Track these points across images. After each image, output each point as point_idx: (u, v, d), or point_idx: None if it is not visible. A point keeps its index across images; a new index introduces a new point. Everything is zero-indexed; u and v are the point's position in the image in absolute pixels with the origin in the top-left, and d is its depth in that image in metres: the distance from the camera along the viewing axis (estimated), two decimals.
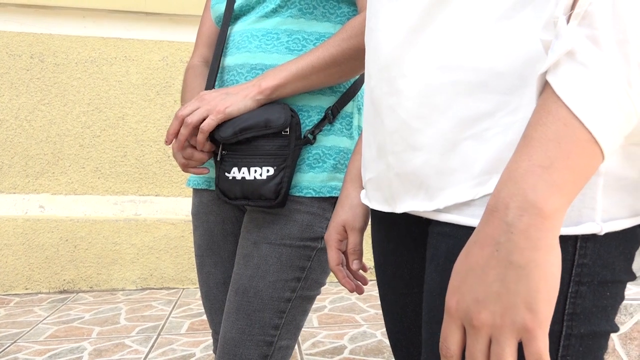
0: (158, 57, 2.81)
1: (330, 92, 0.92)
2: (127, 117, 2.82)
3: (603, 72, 0.36)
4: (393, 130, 0.54)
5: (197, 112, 0.85)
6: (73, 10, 2.73)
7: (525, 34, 0.45)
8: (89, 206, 2.82)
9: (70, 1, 2.69)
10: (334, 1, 0.91)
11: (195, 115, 0.85)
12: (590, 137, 0.37)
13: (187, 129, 0.85)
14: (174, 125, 0.86)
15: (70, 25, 2.74)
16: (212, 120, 0.84)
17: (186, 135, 0.86)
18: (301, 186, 0.89)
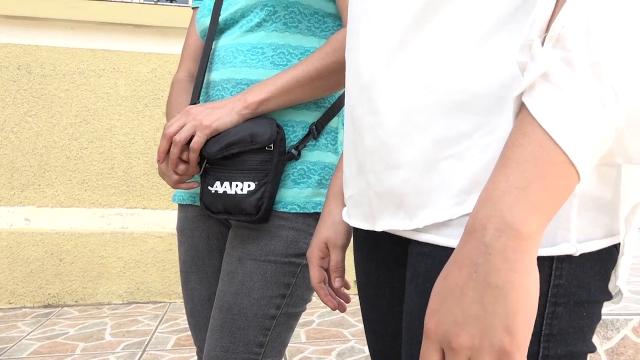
0: (147, 69, 2.80)
1: (315, 107, 0.92)
2: (114, 129, 2.81)
3: (577, 94, 0.36)
4: (373, 149, 0.54)
5: (184, 129, 0.85)
6: (61, 22, 2.72)
7: (502, 56, 0.46)
8: (75, 219, 2.79)
9: (59, 13, 2.68)
10: (319, 15, 0.91)
11: (183, 132, 0.84)
12: (565, 158, 0.37)
13: (177, 147, 0.85)
14: (163, 145, 0.86)
15: (59, 37, 2.73)
16: (200, 138, 0.84)
17: (177, 153, 0.86)
18: (286, 202, 0.89)
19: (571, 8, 0.37)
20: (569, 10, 0.37)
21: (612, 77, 0.36)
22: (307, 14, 0.90)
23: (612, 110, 0.37)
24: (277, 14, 0.89)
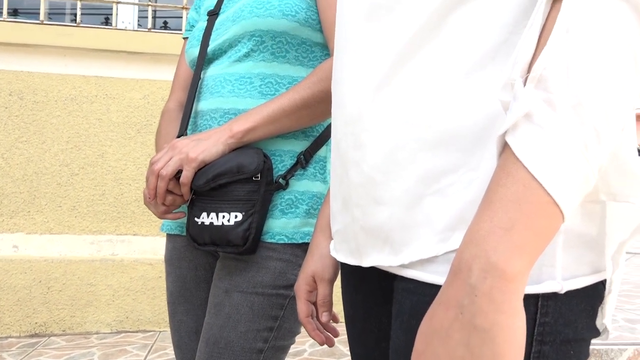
0: (139, 95, 2.81)
1: (303, 137, 0.92)
2: (106, 155, 2.80)
3: (560, 135, 0.36)
4: (358, 183, 0.53)
5: (170, 162, 0.84)
6: (54, 49, 2.74)
7: (486, 92, 0.46)
8: (65, 246, 2.76)
9: (52, 40, 2.69)
10: (306, 45, 0.92)
11: (170, 166, 0.84)
12: (549, 198, 0.37)
13: (164, 181, 0.84)
14: (152, 182, 0.85)
15: (51, 64, 2.74)
16: (188, 172, 0.83)
17: (164, 188, 0.85)
18: (273, 232, 0.88)
19: (552, 49, 0.37)
20: (550, 52, 0.37)
21: (594, 119, 0.36)
22: (294, 43, 0.91)
23: (595, 151, 0.37)
24: (264, 44, 0.89)
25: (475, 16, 0.46)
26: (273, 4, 0.88)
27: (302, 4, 0.90)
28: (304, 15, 0.89)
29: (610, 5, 0.36)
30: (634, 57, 0.37)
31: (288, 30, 0.88)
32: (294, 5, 0.89)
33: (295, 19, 0.89)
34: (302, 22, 0.89)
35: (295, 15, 0.89)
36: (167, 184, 0.84)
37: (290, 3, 0.89)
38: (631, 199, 0.44)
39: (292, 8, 0.89)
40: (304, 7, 0.90)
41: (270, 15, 0.87)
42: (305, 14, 0.90)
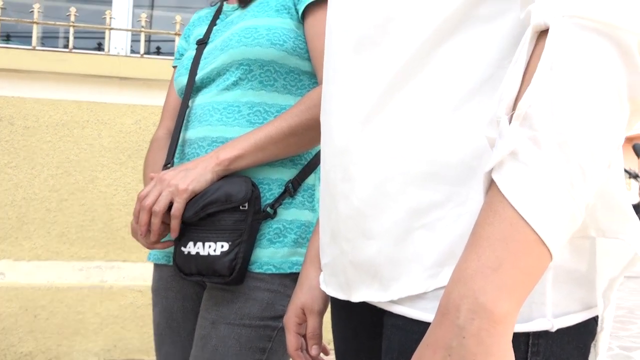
0: (131, 120, 2.80)
1: (291, 165, 0.91)
2: (96, 181, 2.78)
3: (545, 173, 0.36)
4: (346, 216, 0.53)
5: (162, 197, 0.83)
6: (46, 74, 2.74)
7: (474, 126, 0.46)
8: (53, 272, 2.72)
9: (45, 65, 2.70)
10: (294, 74, 0.92)
11: (162, 202, 0.83)
12: (537, 237, 0.36)
13: (159, 217, 0.83)
14: (144, 217, 0.84)
15: (43, 89, 2.74)
16: (179, 204, 0.83)
17: (159, 224, 0.84)
18: (261, 262, 0.86)
19: (536, 87, 0.37)
20: (535, 90, 0.37)
21: (579, 156, 0.36)
22: (282, 72, 0.91)
23: (581, 189, 0.36)
24: (252, 72, 0.89)
25: (461, 51, 0.47)
26: (261, 34, 0.88)
27: (290, 33, 0.90)
28: (292, 44, 0.90)
29: (593, 42, 0.36)
30: (618, 94, 0.37)
31: (276, 59, 0.89)
32: (282, 34, 0.89)
33: (284, 48, 0.89)
34: (290, 51, 0.90)
35: (283, 44, 0.89)
36: (161, 219, 0.83)
37: (278, 32, 0.89)
38: (620, 235, 0.44)
39: (280, 37, 0.89)
40: (292, 37, 0.90)
41: (259, 45, 0.88)
42: (293, 43, 0.90)
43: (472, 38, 0.46)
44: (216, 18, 1.03)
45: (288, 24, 0.91)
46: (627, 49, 0.36)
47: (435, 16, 0.47)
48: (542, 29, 0.38)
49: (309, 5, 0.90)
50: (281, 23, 0.90)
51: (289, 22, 0.91)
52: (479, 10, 0.46)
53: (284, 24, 0.90)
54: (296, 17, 0.92)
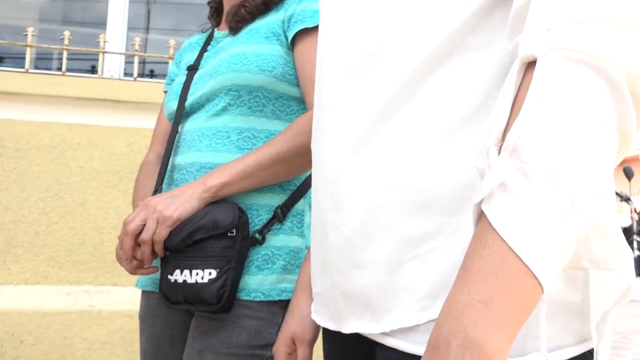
0: (123, 143, 2.79)
1: (280, 190, 0.91)
2: (87, 204, 2.75)
3: (535, 206, 0.35)
4: (337, 246, 0.52)
5: (148, 225, 0.82)
6: (38, 97, 2.74)
7: (464, 155, 0.46)
8: (40, 297, 2.67)
9: (37, 88, 2.70)
10: (283, 99, 0.92)
11: (149, 229, 0.82)
12: (527, 270, 0.35)
13: (147, 245, 0.83)
14: (128, 243, 0.83)
15: (35, 112, 2.73)
16: (163, 230, 0.82)
17: (149, 251, 0.83)
18: (249, 289, 0.85)
19: (525, 119, 0.37)
20: (523, 122, 0.37)
21: (569, 189, 0.36)
22: (271, 98, 0.91)
23: (571, 221, 0.36)
24: (241, 98, 0.89)
25: (451, 80, 0.47)
26: (250, 60, 0.88)
27: (280, 59, 0.90)
28: (281, 70, 0.90)
29: (581, 74, 0.36)
30: (607, 126, 0.36)
31: (265, 85, 0.89)
32: (271, 60, 0.90)
33: (272, 74, 0.89)
34: (279, 77, 0.90)
35: (272, 70, 0.89)
36: (150, 247, 0.83)
37: (267, 58, 0.89)
38: (613, 267, 0.44)
39: (269, 63, 0.89)
40: (281, 63, 0.90)
41: (247, 71, 0.88)
42: (282, 69, 0.90)
43: (462, 67, 0.47)
44: (207, 44, 1.04)
45: (277, 51, 0.91)
46: (615, 81, 0.36)
47: (425, 46, 0.47)
48: (530, 60, 0.38)
49: (299, 32, 0.90)
50: (270, 50, 0.90)
51: (278, 49, 0.91)
52: (468, 40, 0.47)
53: (273, 51, 0.91)
54: (286, 44, 0.92)
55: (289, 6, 0.93)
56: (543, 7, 0.38)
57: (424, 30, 0.48)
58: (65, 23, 3.48)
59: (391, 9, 0.50)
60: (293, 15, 0.92)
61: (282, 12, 0.94)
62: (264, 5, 0.95)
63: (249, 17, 0.95)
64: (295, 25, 0.90)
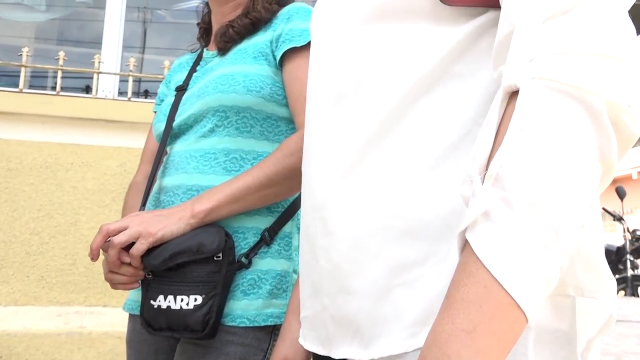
0: (116, 163, 2.79)
1: (267, 213, 0.90)
2: (79, 224, 2.73)
3: (518, 235, 0.35)
4: (327, 271, 0.52)
5: (126, 232, 0.80)
6: (32, 117, 2.73)
7: (451, 183, 0.46)
8: (30, 318, 2.63)
9: (30, 108, 2.70)
10: (272, 119, 0.92)
11: (124, 236, 0.80)
12: (511, 300, 0.35)
13: (115, 249, 0.80)
14: (97, 240, 0.81)
15: (28, 131, 2.73)
16: (142, 245, 0.79)
17: (115, 255, 0.81)
18: (234, 315, 0.84)
19: (507, 148, 0.37)
20: (506, 151, 0.37)
21: (552, 218, 0.36)
22: (259, 118, 0.90)
23: (554, 250, 0.36)
24: (229, 119, 0.89)
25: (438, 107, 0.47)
26: (237, 80, 0.88)
27: (268, 79, 0.90)
28: (269, 90, 0.90)
29: (563, 104, 0.36)
30: (589, 155, 0.37)
31: (252, 105, 0.88)
32: (259, 81, 0.89)
33: (260, 95, 0.89)
34: (267, 97, 0.89)
35: (260, 91, 0.89)
36: (117, 252, 0.80)
37: (255, 79, 0.89)
38: (597, 295, 0.44)
39: (257, 84, 0.89)
40: (269, 83, 0.90)
41: (235, 92, 0.87)
42: (271, 90, 0.90)
43: (449, 95, 0.47)
44: (196, 64, 1.04)
45: (265, 71, 0.91)
46: (596, 112, 0.36)
47: (412, 74, 0.48)
48: (513, 89, 0.39)
49: (287, 51, 0.90)
50: (258, 70, 0.90)
51: (266, 69, 0.91)
52: (454, 68, 0.47)
53: (261, 71, 0.90)
54: (274, 64, 0.92)
55: (277, 26, 0.93)
56: (525, 37, 0.38)
57: (411, 59, 0.48)
58: (61, 43, 3.49)
59: (379, 37, 0.51)
60: (281, 34, 0.92)
61: (270, 32, 0.94)
62: (252, 25, 0.95)
63: (237, 37, 0.95)
64: (284, 44, 0.90)
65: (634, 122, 0.37)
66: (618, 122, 0.37)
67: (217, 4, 1.01)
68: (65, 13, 3.57)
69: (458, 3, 0.47)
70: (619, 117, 0.37)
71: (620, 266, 5.04)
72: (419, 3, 0.48)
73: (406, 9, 0.49)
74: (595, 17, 0.37)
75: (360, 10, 0.52)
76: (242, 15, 0.95)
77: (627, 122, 0.37)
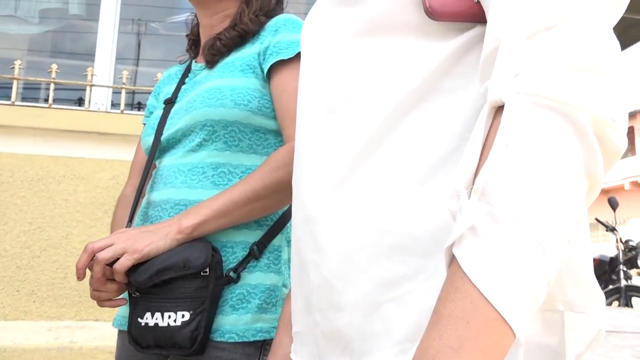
0: (108, 175, 2.78)
1: (256, 226, 0.89)
2: (70, 237, 2.71)
3: (504, 250, 0.35)
4: (317, 286, 0.52)
5: (111, 248, 0.79)
6: (24, 129, 2.72)
7: (440, 198, 0.46)
8: (20, 333, 2.60)
9: (22, 120, 2.69)
10: (260, 133, 0.91)
11: (109, 252, 0.79)
12: (498, 315, 0.35)
13: (99, 265, 0.80)
14: (82, 259, 0.81)
15: (20, 144, 2.71)
16: (127, 260, 0.78)
17: (100, 272, 0.80)
18: (223, 330, 0.83)
19: (493, 163, 0.37)
20: (491, 165, 0.37)
21: (538, 233, 0.35)
22: (247, 132, 0.90)
23: (541, 265, 0.36)
24: (217, 133, 0.88)
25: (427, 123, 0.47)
26: (225, 94, 0.88)
27: (255, 92, 0.90)
28: (256, 103, 0.89)
29: (548, 119, 0.37)
30: (575, 170, 0.37)
31: (240, 119, 0.88)
32: (247, 94, 0.89)
33: (248, 108, 0.88)
34: (255, 110, 0.89)
35: (247, 104, 0.88)
36: (102, 269, 0.80)
37: (242, 92, 0.88)
38: (586, 310, 0.44)
39: (245, 97, 0.88)
40: (257, 96, 0.90)
41: (222, 105, 0.87)
42: (259, 103, 0.90)
43: (437, 110, 0.48)
44: (185, 77, 1.03)
45: (253, 84, 0.90)
46: (581, 127, 0.36)
47: (400, 89, 0.48)
48: (499, 104, 0.39)
49: (275, 64, 0.90)
50: (246, 83, 0.90)
51: (254, 82, 0.91)
52: (442, 83, 0.48)
53: (248, 84, 0.90)
54: (262, 76, 0.92)
55: (265, 38, 0.93)
56: (511, 53, 0.39)
57: (399, 73, 0.49)
58: (54, 55, 3.50)
59: (368, 51, 0.51)
60: (269, 47, 0.91)
61: (257, 45, 0.93)
62: (240, 38, 0.94)
63: (224, 50, 0.95)
64: (271, 57, 0.90)
65: (618, 137, 0.37)
66: (603, 136, 0.37)
67: (205, 16, 1.00)
68: (58, 25, 3.57)
69: (446, 18, 0.47)
70: (604, 131, 0.37)
71: (613, 276, 5.05)
72: (407, 18, 0.49)
73: (395, 24, 0.50)
74: (579, 32, 0.38)
75: (349, 25, 0.53)
76: (229, 28, 0.95)
77: (612, 137, 0.37)
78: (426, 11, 0.47)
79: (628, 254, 5.15)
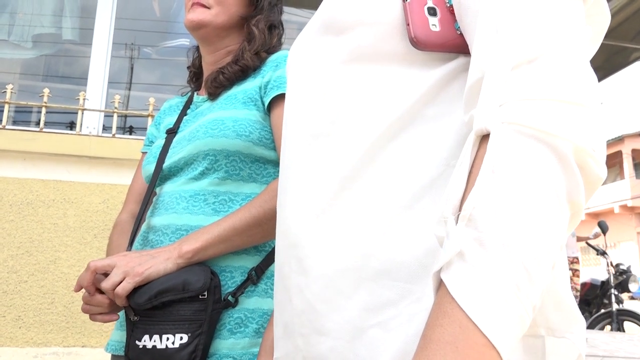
0: (98, 199, 2.76)
1: (255, 252, 0.91)
2: (59, 261, 2.68)
3: (491, 275, 0.36)
4: (300, 311, 0.52)
5: (114, 273, 0.81)
6: (14, 153, 2.72)
7: (426, 223, 0.46)
8: (5, 359, 2.55)
9: (12, 144, 2.68)
10: (260, 162, 0.94)
11: (113, 277, 0.81)
12: (486, 340, 0.36)
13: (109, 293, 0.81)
14: (87, 277, 0.82)
15: (10, 168, 2.70)
16: (128, 284, 0.80)
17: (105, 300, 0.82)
18: (220, 354, 0.83)
19: (480, 189, 0.38)
20: (478, 192, 0.38)
21: (524, 258, 0.36)
22: (248, 161, 0.92)
23: (527, 291, 0.37)
24: (218, 162, 0.91)
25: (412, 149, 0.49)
26: (227, 125, 0.91)
27: (256, 124, 0.93)
28: (257, 135, 0.92)
29: (531, 148, 0.38)
30: (558, 197, 0.38)
31: (241, 149, 0.91)
32: (248, 125, 0.92)
33: (249, 139, 0.91)
34: (256, 141, 0.92)
35: (249, 135, 0.91)
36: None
37: (244, 124, 0.92)
38: (567, 335, 0.44)
39: (246, 128, 0.91)
40: (257, 128, 0.93)
41: (224, 136, 0.90)
42: (259, 134, 0.93)
43: (422, 137, 0.49)
44: (187, 108, 1.06)
45: (254, 116, 0.93)
46: (563, 155, 0.38)
47: (385, 116, 0.49)
48: (484, 133, 0.40)
49: (275, 97, 0.94)
50: (247, 115, 0.93)
51: (255, 114, 0.94)
52: (427, 111, 0.49)
53: (250, 116, 0.93)
54: (262, 109, 0.95)
55: (266, 73, 0.97)
56: (495, 84, 0.41)
57: (384, 101, 0.50)
58: (47, 79, 3.51)
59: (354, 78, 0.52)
60: (269, 81, 0.95)
61: (259, 79, 0.97)
62: (242, 72, 0.99)
63: (227, 83, 0.98)
64: (272, 91, 0.94)
65: (598, 166, 0.39)
66: (584, 165, 0.39)
67: (208, 52, 1.04)
68: (51, 50, 3.60)
69: (430, 49, 0.49)
70: (585, 161, 0.39)
71: (605, 300, 5.05)
72: (392, 48, 0.50)
73: (380, 53, 0.51)
74: (559, 66, 0.40)
75: (335, 53, 0.54)
76: (232, 62, 0.99)
77: (593, 166, 0.39)
78: (411, 41, 0.49)
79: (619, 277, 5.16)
